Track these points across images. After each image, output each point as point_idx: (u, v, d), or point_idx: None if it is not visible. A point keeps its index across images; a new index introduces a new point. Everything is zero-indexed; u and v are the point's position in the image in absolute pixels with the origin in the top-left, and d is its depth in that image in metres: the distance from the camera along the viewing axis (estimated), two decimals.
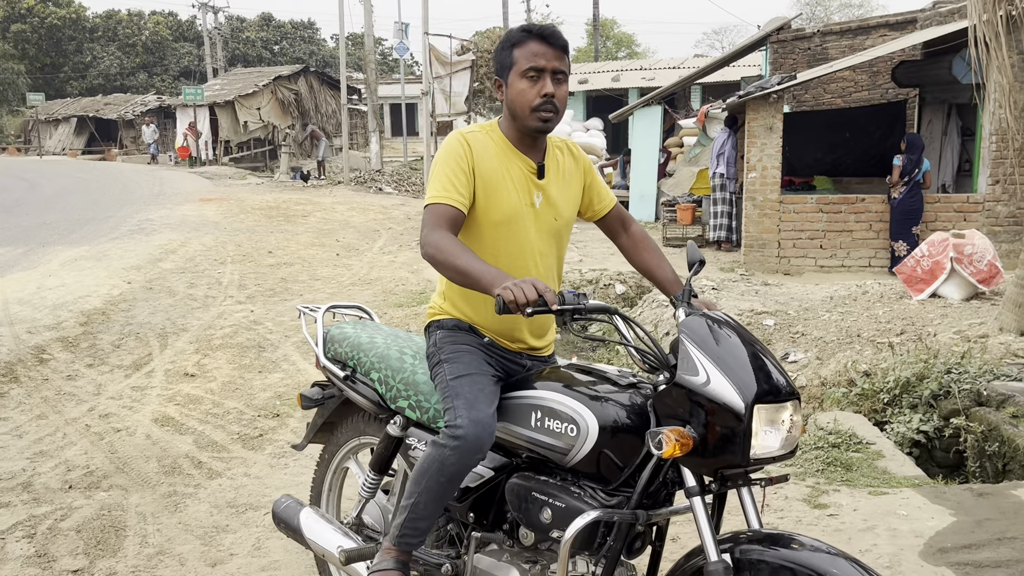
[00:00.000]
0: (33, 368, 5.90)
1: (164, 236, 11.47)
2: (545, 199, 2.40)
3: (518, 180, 2.37)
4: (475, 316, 2.43)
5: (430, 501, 2.27)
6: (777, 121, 10.76)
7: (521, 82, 2.29)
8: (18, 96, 41.76)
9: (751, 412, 1.83)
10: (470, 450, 2.17)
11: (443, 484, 2.24)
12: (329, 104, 31.64)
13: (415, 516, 2.29)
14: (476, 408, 2.20)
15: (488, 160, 2.33)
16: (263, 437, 4.79)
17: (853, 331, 6.54)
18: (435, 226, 2.20)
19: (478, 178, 2.31)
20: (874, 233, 10.74)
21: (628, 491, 2.07)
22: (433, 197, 2.26)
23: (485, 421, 2.18)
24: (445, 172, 2.28)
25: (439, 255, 2.14)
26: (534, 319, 2.40)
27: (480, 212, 2.32)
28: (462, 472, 2.23)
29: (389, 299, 8.40)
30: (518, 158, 2.39)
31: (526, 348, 2.48)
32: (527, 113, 2.30)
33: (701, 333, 1.95)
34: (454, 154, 2.30)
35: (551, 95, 2.29)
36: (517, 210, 2.35)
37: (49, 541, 3.53)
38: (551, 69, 2.29)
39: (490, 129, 2.41)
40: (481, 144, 2.35)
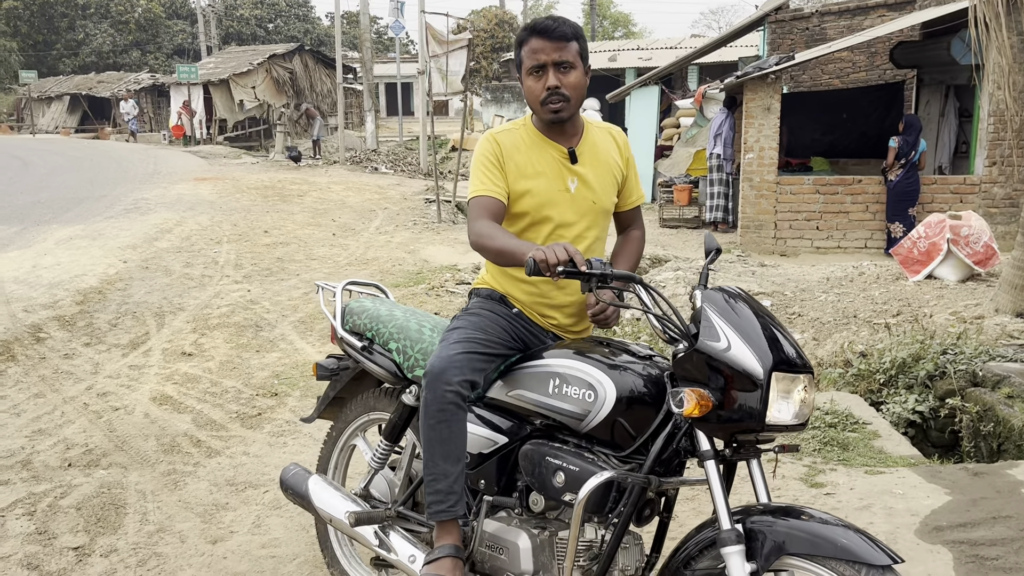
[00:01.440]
0: (30, 347, 5.90)
1: (159, 215, 11.42)
2: (581, 183, 2.50)
3: (550, 167, 2.48)
4: (508, 287, 2.54)
5: (435, 455, 2.31)
6: (775, 102, 10.74)
7: (529, 79, 2.44)
8: (10, 74, 41.43)
9: (769, 378, 1.88)
10: (434, 381, 2.28)
11: (434, 429, 2.29)
12: (324, 83, 31.47)
13: (431, 477, 2.33)
14: (449, 348, 2.33)
15: (519, 153, 2.47)
16: (261, 416, 4.80)
17: (849, 312, 6.56)
18: (477, 216, 2.38)
19: (510, 171, 2.45)
20: (871, 214, 10.76)
21: (641, 458, 2.13)
22: (473, 192, 2.43)
23: (451, 356, 2.30)
24: (480, 169, 2.45)
25: (481, 240, 2.31)
26: (570, 294, 2.48)
27: (516, 202, 2.45)
28: (445, 412, 2.27)
29: (386, 279, 8.39)
30: (549, 146, 2.50)
31: (556, 326, 2.53)
32: (539, 107, 2.44)
33: (721, 304, 2.00)
34: (485, 152, 2.46)
35: (555, 87, 2.38)
36: (551, 196, 2.47)
37: (49, 518, 3.54)
38: (552, 62, 2.39)
39: (522, 124, 2.56)
40: (510, 139, 2.49)
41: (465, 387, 2.30)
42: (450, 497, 2.29)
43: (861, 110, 13.05)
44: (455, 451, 2.30)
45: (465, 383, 2.30)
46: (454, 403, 2.29)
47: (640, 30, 55.67)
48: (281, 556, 3.23)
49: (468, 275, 8.49)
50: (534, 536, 2.28)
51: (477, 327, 2.43)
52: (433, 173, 14.13)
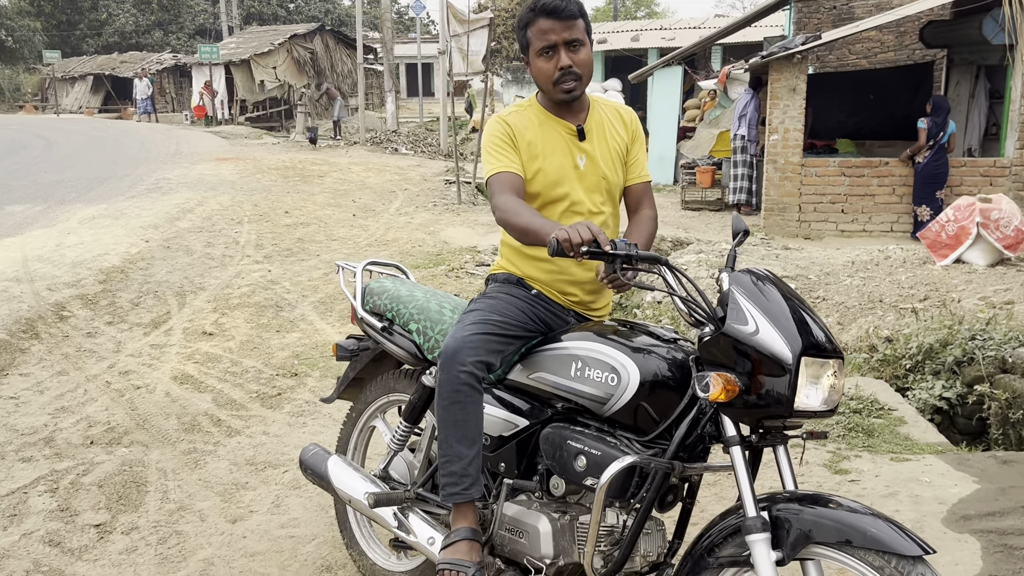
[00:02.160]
0: (54, 325, 5.94)
1: (181, 195, 11.45)
2: (589, 160, 2.47)
3: (559, 145, 2.45)
4: (526, 269, 2.51)
5: (450, 437, 2.29)
6: (800, 82, 10.57)
7: (539, 60, 2.40)
8: (34, 54, 41.65)
9: (798, 363, 1.83)
10: (448, 361, 2.26)
11: (448, 410, 2.27)
12: (345, 63, 31.39)
13: (445, 458, 2.30)
14: (463, 330, 2.31)
15: (528, 132, 2.44)
16: (281, 396, 4.80)
17: (875, 296, 6.46)
18: (500, 192, 2.35)
19: (522, 150, 2.42)
20: (897, 197, 10.59)
21: (664, 443, 2.09)
22: (492, 170, 2.40)
23: (465, 336, 2.28)
24: (493, 149, 2.42)
25: (506, 216, 2.28)
26: (590, 269, 2.45)
27: (528, 179, 2.42)
28: (459, 393, 2.25)
29: (406, 260, 8.37)
30: (557, 124, 2.47)
31: (577, 303, 2.51)
32: (550, 87, 2.41)
33: (749, 287, 1.96)
34: (496, 133, 2.44)
35: (568, 66, 2.36)
36: (562, 174, 2.44)
37: (71, 496, 3.56)
38: (562, 41, 2.35)
39: (528, 104, 2.52)
40: (519, 120, 2.46)
41: (480, 368, 2.27)
42: (464, 479, 2.27)
43: (889, 91, 12.82)
44: (470, 433, 2.27)
45: (479, 364, 2.27)
46: (468, 384, 2.26)
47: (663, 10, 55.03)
48: (300, 536, 3.23)
49: (488, 256, 8.45)
50: (554, 520, 2.25)
51: (494, 309, 2.40)
52: (453, 154, 14.07)
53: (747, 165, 11.78)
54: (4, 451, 3.99)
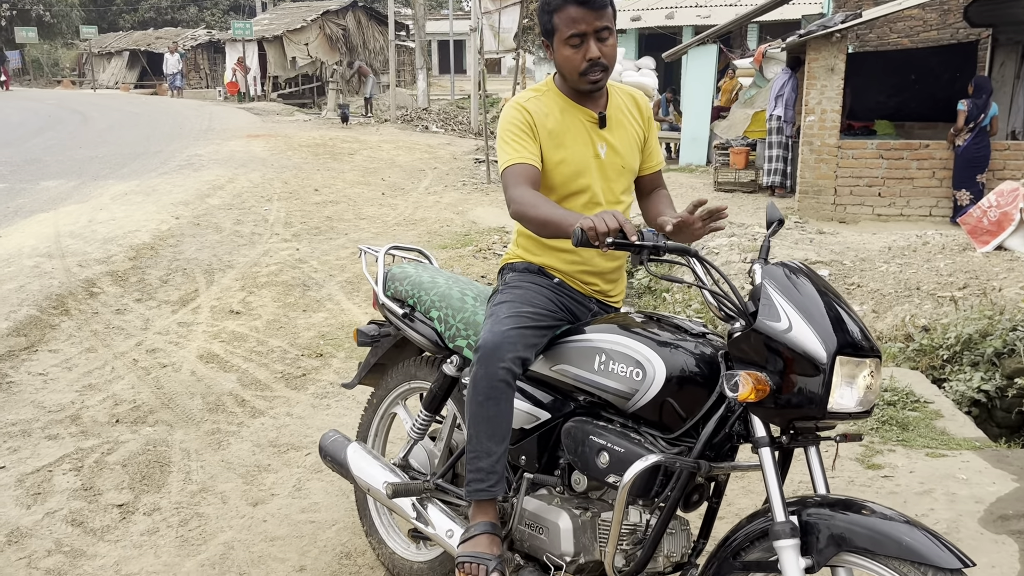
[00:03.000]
0: (83, 301, 5.98)
1: (212, 172, 11.50)
2: (610, 149, 2.38)
3: (580, 133, 2.36)
4: (545, 258, 2.43)
5: (480, 433, 2.23)
6: (839, 62, 10.30)
7: (565, 48, 2.28)
8: (72, 29, 42.06)
9: (832, 363, 1.75)
10: (487, 357, 2.19)
11: (482, 406, 2.20)
12: (377, 40, 31.32)
13: (473, 454, 2.24)
14: (500, 324, 2.23)
15: (549, 119, 2.34)
16: (306, 377, 4.79)
17: (912, 284, 6.29)
18: (515, 184, 2.25)
19: (542, 139, 2.31)
20: (937, 181, 10.31)
21: (690, 441, 2.02)
22: (506, 161, 2.29)
23: (504, 331, 2.21)
24: (510, 138, 2.31)
25: (523, 209, 2.19)
26: (609, 259, 2.39)
27: (548, 170, 2.33)
28: (495, 389, 2.18)
29: (434, 240, 8.33)
30: (578, 111, 2.37)
31: (598, 292, 2.45)
32: (576, 77, 2.30)
33: (783, 280, 1.87)
34: (514, 120, 2.32)
35: (596, 58, 2.25)
36: (583, 163, 2.35)
37: (95, 475, 3.57)
38: (592, 30, 2.24)
39: (546, 88, 2.42)
40: (538, 106, 2.36)
41: (517, 364, 2.21)
42: (491, 476, 2.21)
43: (931, 71, 12.48)
44: (501, 430, 2.21)
45: (518, 360, 2.21)
46: (505, 381, 2.20)
47: None
48: (320, 521, 3.21)
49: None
50: (575, 517, 2.19)
51: (525, 300, 2.33)
52: (483, 133, 13.96)
53: (782, 147, 11.54)
54: (31, 428, 4.02)
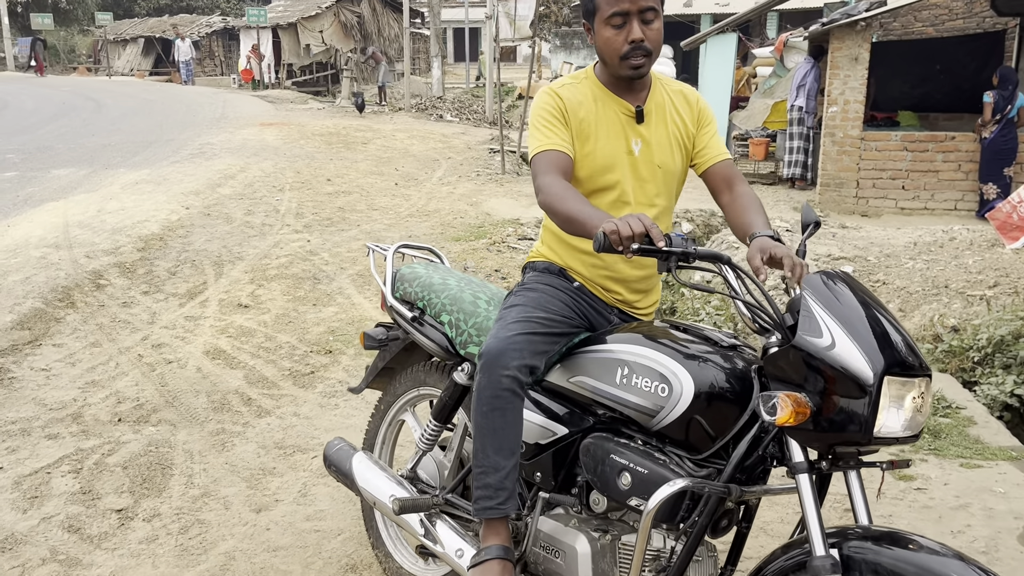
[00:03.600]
0: (90, 294, 5.87)
1: (224, 161, 11.38)
2: (645, 146, 2.20)
3: (613, 126, 2.19)
4: (568, 259, 2.28)
5: (487, 446, 2.08)
6: (864, 51, 10.06)
7: (606, 29, 2.11)
8: (88, 15, 42.06)
9: (880, 383, 1.60)
10: (490, 364, 2.07)
11: (487, 417, 2.06)
12: (392, 28, 31.13)
13: (480, 469, 2.10)
14: (506, 329, 2.11)
15: (581, 108, 2.18)
16: (314, 375, 4.66)
17: (940, 281, 6.10)
18: (544, 172, 2.09)
19: (573, 128, 2.16)
20: (963, 174, 10.07)
21: (719, 463, 1.87)
22: (538, 147, 2.16)
23: (509, 337, 2.08)
24: (541, 124, 2.18)
25: (550, 200, 2.06)
26: (636, 267, 2.22)
27: (577, 161, 2.17)
28: (500, 399, 2.04)
29: (447, 232, 8.18)
30: (614, 102, 2.20)
31: (621, 301, 2.28)
32: (616, 61, 2.13)
33: (823, 291, 1.71)
34: (546, 107, 2.19)
35: (639, 40, 2.08)
36: (613, 158, 2.18)
37: (95, 477, 3.45)
38: (637, 10, 2.07)
39: (584, 76, 2.26)
40: (572, 93, 2.20)
41: (524, 372, 2.06)
42: (500, 493, 2.06)
43: (957, 61, 12.18)
44: (509, 443, 2.06)
45: (524, 368, 2.06)
46: (510, 390, 2.05)
47: None
48: (325, 531, 3.08)
49: (531, 230, 8.22)
50: (594, 540, 2.05)
51: (537, 304, 2.17)
52: (498, 122, 13.79)
53: (803, 138, 11.30)
54: (31, 427, 3.91)
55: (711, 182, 2.28)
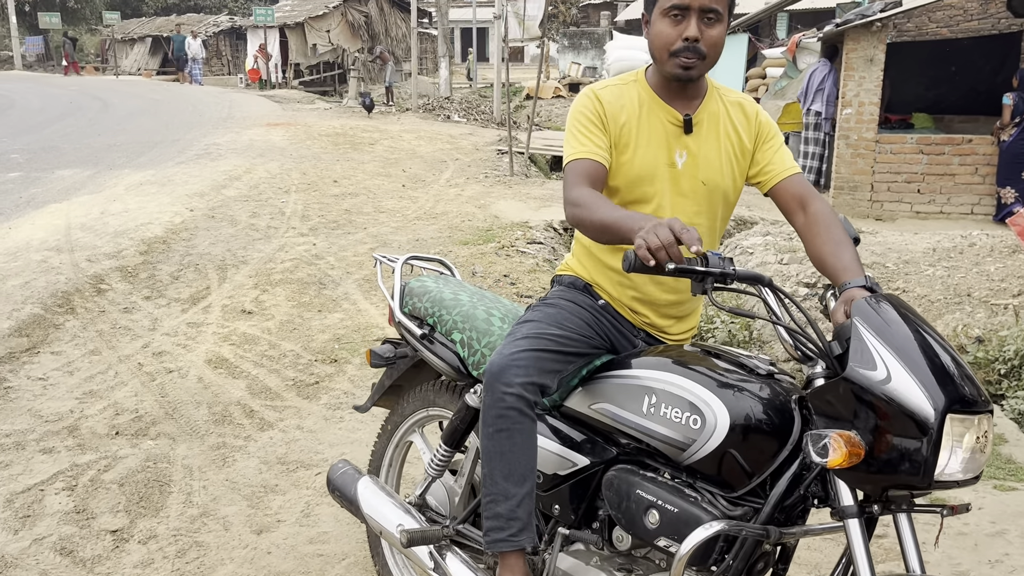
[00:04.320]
0: (90, 299, 5.74)
1: (230, 162, 11.26)
2: (690, 158, 2.02)
3: (656, 135, 2.01)
4: (596, 275, 2.13)
5: (494, 472, 1.94)
6: (879, 53, 9.89)
7: (662, 21, 1.95)
8: (95, 15, 42.05)
9: (942, 422, 1.45)
10: (492, 382, 1.95)
11: (492, 439, 1.93)
12: (399, 27, 31.01)
13: (489, 497, 1.95)
14: (512, 345, 1.99)
15: (623, 113, 2.01)
16: (319, 385, 4.52)
17: (962, 289, 5.93)
18: (574, 183, 1.94)
19: (611, 134, 2.00)
20: (980, 178, 9.89)
21: (756, 501, 1.71)
22: (570, 155, 2.03)
23: (513, 354, 1.95)
24: (578, 129, 2.03)
25: (578, 212, 1.89)
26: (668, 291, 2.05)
27: (613, 170, 2.02)
28: (505, 419, 1.91)
29: (455, 235, 8.04)
30: (661, 109, 2.03)
31: (649, 324, 2.11)
32: (665, 57, 1.97)
33: (875, 319, 1.56)
34: (584, 111, 2.04)
35: (694, 39, 1.91)
36: (651, 169, 2.01)
37: (90, 495, 3.32)
38: (698, 7, 1.91)
39: (633, 78, 2.09)
40: (614, 96, 2.04)
41: (531, 391, 1.91)
42: (511, 524, 1.91)
43: (972, 62, 12.00)
44: (518, 468, 1.91)
45: (530, 386, 1.91)
46: (515, 409, 1.90)
47: None
48: (329, 555, 2.94)
49: (540, 233, 8.07)
50: None
51: (552, 320, 2.02)
52: (506, 123, 13.64)
53: (819, 143, 11.12)
54: (26, 440, 3.77)
55: (780, 201, 2.08)
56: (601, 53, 26.22)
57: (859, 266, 1.82)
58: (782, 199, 2.06)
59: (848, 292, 1.72)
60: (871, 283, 1.75)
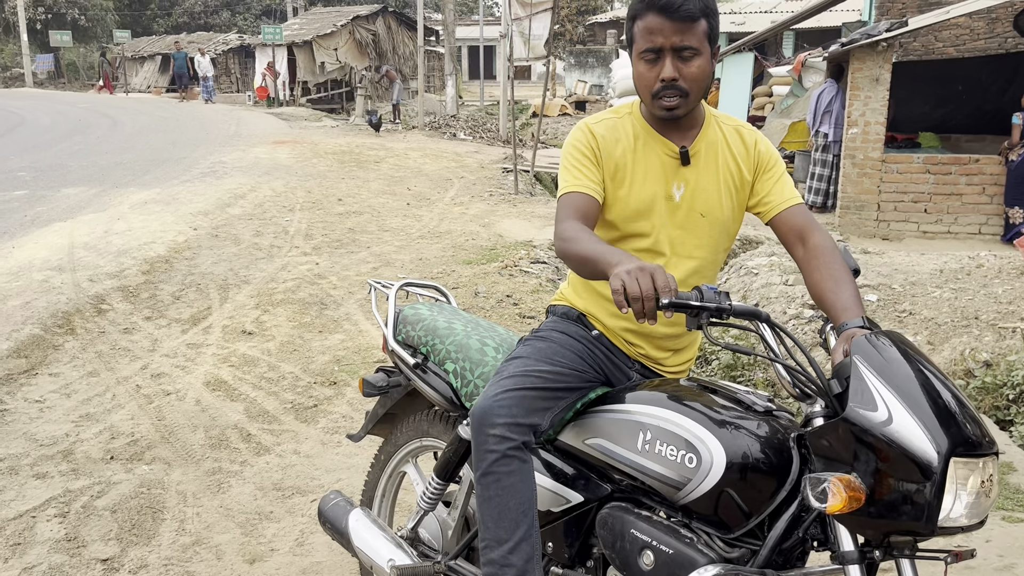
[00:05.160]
0: (91, 319, 5.72)
1: (235, 180, 11.28)
2: (688, 191, 1.98)
3: (653, 169, 1.98)
4: (590, 305, 2.09)
5: (486, 517, 1.89)
6: (885, 72, 9.85)
7: (639, 63, 1.93)
8: (106, 33, 42.44)
9: (945, 466, 1.40)
10: (478, 425, 1.91)
11: (481, 483, 1.88)
12: (407, 45, 31.17)
13: (484, 543, 1.90)
14: (497, 385, 1.94)
15: (617, 147, 1.99)
16: (317, 408, 4.48)
17: (969, 312, 5.86)
18: (564, 216, 1.92)
19: (606, 168, 1.97)
20: (987, 198, 9.82)
21: (754, 543, 1.66)
22: (562, 189, 2.01)
23: (497, 395, 1.90)
24: (571, 163, 2.01)
25: (564, 245, 1.88)
26: (665, 323, 1.98)
27: (608, 205, 1.99)
28: (494, 463, 1.86)
29: (459, 255, 8.01)
30: (657, 142, 1.99)
31: (644, 356, 2.07)
32: (649, 99, 1.94)
33: (876, 358, 1.51)
34: (578, 145, 2.02)
35: (671, 79, 1.87)
36: (649, 203, 1.97)
37: (82, 522, 3.27)
38: (671, 47, 1.86)
39: (628, 111, 2.06)
40: (609, 130, 2.01)
41: (519, 432, 1.86)
42: (505, 571, 1.85)
43: (978, 82, 11.97)
44: (510, 513, 1.85)
45: (516, 427, 1.86)
46: (501, 452, 1.85)
47: None
48: None
49: (544, 252, 8.04)
50: None
51: (542, 356, 1.98)
52: (512, 141, 13.65)
53: (827, 165, 11.06)
54: (19, 465, 3.74)
55: (780, 232, 2.02)
56: (607, 71, 26.31)
57: (859, 304, 1.77)
58: (781, 231, 2.01)
59: (847, 332, 1.67)
60: (868, 323, 1.70)
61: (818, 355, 4.13)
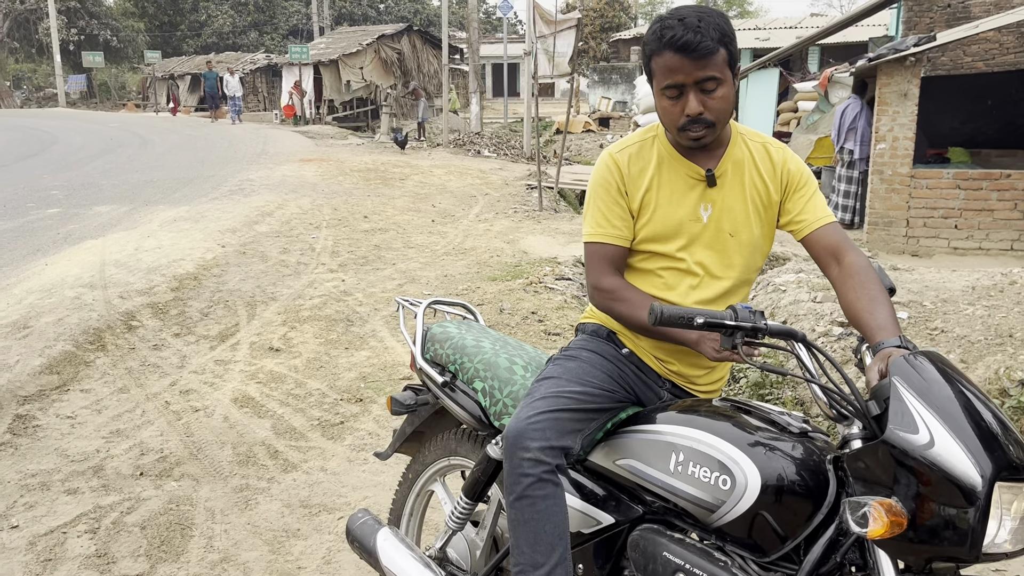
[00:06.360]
0: (121, 336, 5.78)
1: (262, 197, 11.40)
2: (716, 211, 1.98)
3: (678, 191, 1.98)
4: (619, 324, 2.09)
5: (520, 540, 1.87)
6: (913, 87, 9.78)
7: (662, 99, 1.91)
8: (137, 54, 43.25)
9: (990, 491, 1.36)
10: (510, 448, 1.89)
11: (514, 507, 1.87)
12: (431, 64, 31.43)
13: (516, 567, 1.88)
14: (529, 408, 1.93)
15: (642, 176, 1.99)
16: (344, 425, 4.49)
17: (1003, 330, 5.76)
18: (600, 272, 2.01)
19: (632, 199, 1.99)
20: (1019, 213, 9.67)
21: (789, 567, 1.63)
22: (589, 235, 2.06)
23: (530, 417, 1.89)
24: (597, 205, 2.04)
25: (606, 301, 2.00)
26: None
27: (636, 233, 2.01)
28: (526, 487, 1.85)
29: (483, 271, 8.02)
30: (682, 165, 1.99)
31: (675, 373, 2.05)
32: (675, 131, 1.93)
33: (916, 379, 1.47)
34: (603, 183, 2.02)
35: (698, 114, 1.86)
36: (677, 227, 1.97)
37: (112, 538, 3.29)
38: (693, 82, 1.85)
39: (652, 136, 2.05)
40: (633, 159, 2.01)
41: (551, 455, 1.85)
42: None
43: (1009, 97, 11.84)
44: (545, 536, 1.84)
45: (550, 450, 1.85)
46: (535, 476, 1.84)
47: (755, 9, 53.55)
48: None
49: (568, 269, 8.02)
50: None
51: (572, 376, 1.96)
52: (536, 158, 13.68)
53: (853, 182, 10.97)
54: (51, 480, 3.77)
55: (813, 251, 1.99)
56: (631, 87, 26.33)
57: (895, 324, 1.73)
58: (815, 249, 1.98)
59: (884, 351, 1.64)
60: (905, 342, 1.66)
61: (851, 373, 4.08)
